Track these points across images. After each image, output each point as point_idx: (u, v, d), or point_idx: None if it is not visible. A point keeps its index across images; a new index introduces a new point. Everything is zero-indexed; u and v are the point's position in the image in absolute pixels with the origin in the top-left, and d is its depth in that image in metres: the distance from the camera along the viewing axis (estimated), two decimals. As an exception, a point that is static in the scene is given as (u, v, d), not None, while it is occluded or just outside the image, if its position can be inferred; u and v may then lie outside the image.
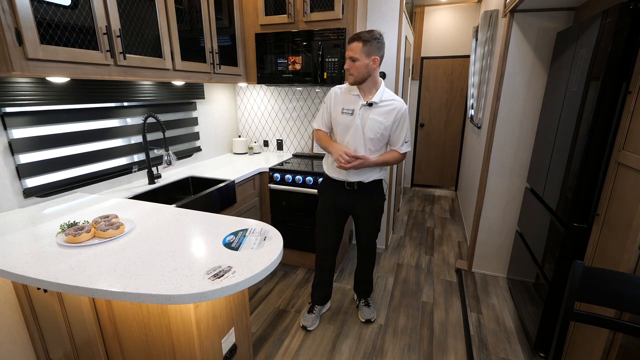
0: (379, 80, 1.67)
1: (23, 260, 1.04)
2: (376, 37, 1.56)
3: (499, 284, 2.41)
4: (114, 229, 1.20)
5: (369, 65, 1.57)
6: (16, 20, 1.13)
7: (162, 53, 1.76)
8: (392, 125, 1.67)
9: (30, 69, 1.19)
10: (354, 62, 1.56)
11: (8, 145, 1.44)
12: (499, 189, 2.33)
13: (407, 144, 1.74)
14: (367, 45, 1.54)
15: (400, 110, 1.65)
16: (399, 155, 1.74)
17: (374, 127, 1.65)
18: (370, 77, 1.62)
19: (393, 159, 1.73)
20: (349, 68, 1.59)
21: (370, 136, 1.67)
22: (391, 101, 1.66)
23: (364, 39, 1.53)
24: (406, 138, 1.72)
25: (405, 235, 3.24)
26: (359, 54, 1.55)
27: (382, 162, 1.71)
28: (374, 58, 1.57)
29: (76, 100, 1.66)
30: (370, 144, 1.70)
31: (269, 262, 1.04)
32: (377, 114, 1.65)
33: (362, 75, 1.59)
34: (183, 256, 1.07)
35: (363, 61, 1.56)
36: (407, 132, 1.72)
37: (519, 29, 2.03)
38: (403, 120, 1.68)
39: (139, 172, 2.08)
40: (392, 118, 1.65)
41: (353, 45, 1.56)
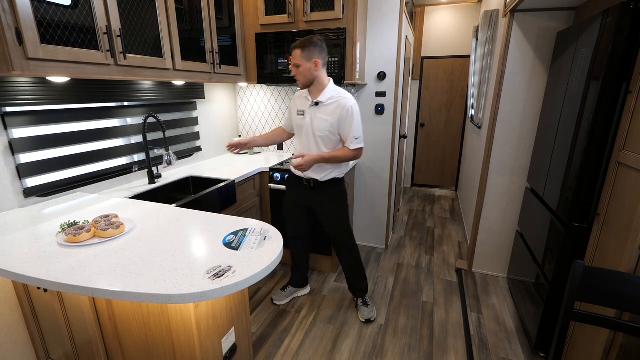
0: (325, 81, 1.75)
1: (23, 259, 1.04)
2: (314, 42, 1.65)
3: (499, 284, 2.41)
4: (114, 229, 1.20)
5: (312, 68, 1.68)
6: (16, 19, 1.13)
7: (163, 53, 1.76)
8: (338, 122, 1.72)
9: (31, 68, 1.19)
10: (298, 68, 1.68)
11: (8, 145, 1.44)
12: (499, 189, 2.33)
13: (357, 140, 1.74)
14: (306, 50, 1.64)
15: (345, 107, 1.69)
16: (349, 151, 1.76)
17: (321, 125, 1.74)
18: (316, 79, 1.72)
19: (343, 156, 1.77)
20: (294, 74, 1.72)
21: (319, 134, 1.76)
22: (336, 99, 1.72)
23: (302, 45, 1.64)
24: (355, 134, 1.73)
25: (406, 236, 3.24)
26: (299, 60, 1.66)
27: (331, 157, 1.75)
28: (315, 61, 1.67)
29: (76, 100, 1.66)
30: (322, 143, 1.78)
31: (269, 262, 1.04)
32: (323, 112, 1.74)
33: (307, 78, 1.70)
34: (183, 256, 1.07)
35: (305, 66, 1.67)
36: (356, 129, 1.73)
37: (520, 28, 2.03)
38: (348, 116, 1.70)
39: (139, 172, 2.08)
40: (337, 115, 1.71)
41: (294, 53, 1.68)
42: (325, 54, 1.73)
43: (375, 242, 2.98)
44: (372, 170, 2.80)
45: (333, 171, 1.84)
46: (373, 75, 2.58)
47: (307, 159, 1.72)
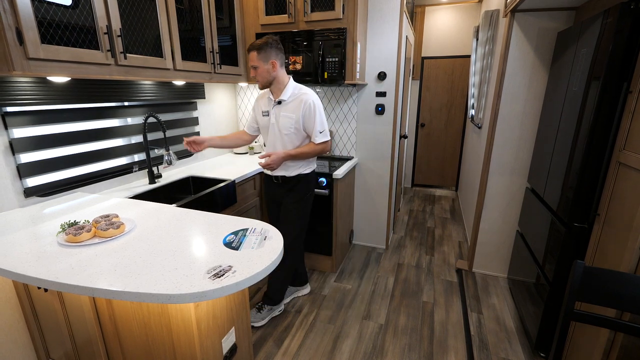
0: (285, 79, 1.78)
1: (24, 259, 1.04)
2: (270, 43, 1.67)
3: (500, 283, 2.41)
4: (114, 229, 1.20)
5: (269, 70, 1.71)
6: (17, 19, 1.14)
7: (163, 53, 1.76)
8: (302, 119, 1.76)
9: (31, 68, 1.20)
10: (256, 69, 1.71)
11: (9, 145, 1.45)
12: (500, 189, 2.33)
13: (321, 133, 1.78)
14: (262, 52, 1.67)
15: (306, 102, 1.73)
16: (314, 146, 1.79)
17: (286, 123, 1.78)
18: (275, 79, 1.75)
19: (310, 150, 1.80)
20: (254, 76, 1.75)
21: (285, 132, 1.79)
22: (297, 95, 1.76)
23: (258, 47, 1.67)
24: (319, 128, 1.77)
25: (406, 236, 3.24)
26: (256, 62, 1.69)
27: (297, 153, 1.79)
28: (272, 62, 1.70)
29: (77, 99, 1.66)
30: (288, 141, 1.81)
31: (269, 262, 1.04)
32: (287, 110, 1.77)
33: (266, 79, 1.74)
34: (183, 255, 1.07)
35: (263, 67, 1.70)
36: (321, 123, 1.77)
37: (520, 28, 2.03)
38: (310, 110, 1.74)
39: (140, 172, 2.08)
40: (300, 111, 1.74)
41: (250, 55, 1.71)
42: (282, 53, 1.75)
43: (375, 242, 2.98)
44: (372, 171, 2.80)
45: (300, 167, 1.88)
46: (373, 75, 2.58)
47: (274, 157, 1.74)
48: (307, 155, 1.83)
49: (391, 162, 2.72)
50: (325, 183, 2.33)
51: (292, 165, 1.87)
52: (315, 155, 1.86)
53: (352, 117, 2.73)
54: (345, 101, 2.71)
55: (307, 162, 1.92)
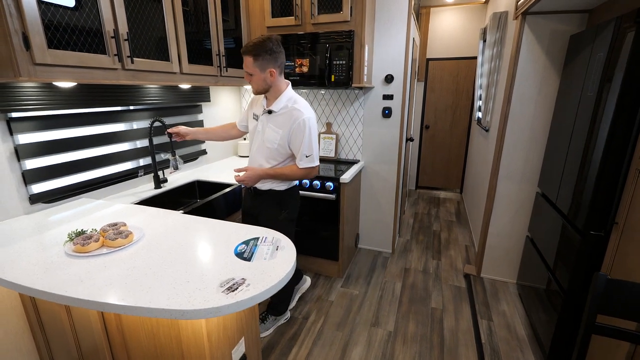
0: (282, 87, 1.59)
1: (31, 271, 1.02)
2: (268, 49, 1.46)
3: (509, 289, 2.37)
4: (122, 238, 1.17)
5: (266, 78, 1.52)
6: (23, 24, 1.11)
7: (170, 56, 1.73)
8: (289, 136, 1.57)
9: (38, 74, 1.17)
10: (251, 76, 1.53)
11: (14, 151, 1.42)
12: (509, 193, 2.30)
13: (307, 158, 1.56)
14: (258, 59, 1.47)
15: (297, 119, 1.52)
16: (297, 170, 1.60)
17: (271, 137, 1.59)
18: (272, 87, 1.57)
19: (291, 174, 1.62)
20: (249, 81, 1.56)
21: (268, 145, 1.61)
22: (289, 109, 1.56)
23: (254, 53, 1.46)
24: (306, 151, 1.55)
25: (412, 239, 3.21)
26: (252, 69, 1.50)
27: (276, 174, 1.62)
28: (270, 71, 1.50)
29: (82, 104, 1.64)
30: (269, 155, 1.63)
31: (283, 274, 1.01)
32: (274, 123, 1.59)
33: (261, 87, 1.55)
34: (195, 267, 1.05)
35: (259, 75, 1.51)
36: (309, 146, 1.55)
37: (531, 31, 2.00)
38: (299, 129, 1.53)
39: (145, 177, 2.06)
40: (288, 128, 1.55)
41: (245, 59, 1.50)
42: (282, 58, 1.54)
43: (381, 246, 2.95)
44: (378, 174, 2.77)
45: (271, 182, 1.70)
46: (380, 78, 2.55)
47: (250, 173, 1.62)
48: (287, 178, 1.66)
49: (398, 166, 2.69)
50: (333, 187, 2.30)
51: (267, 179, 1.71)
52: (295, 180, 1.69)
53: (358, 120, 2.70)
54: (352, 104, 2.68)
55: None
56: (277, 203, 1.74)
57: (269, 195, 1.73)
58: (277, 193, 1.73)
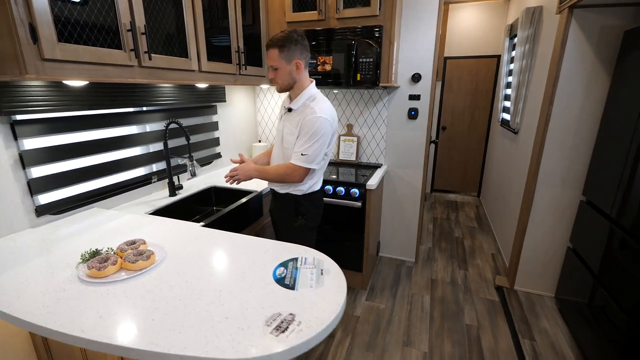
0: (305, 83, 1.49)
1: (41, 302, 0.86)
2: (294, 39, 1.39)
3: (546, 304, 2.22)
4: (143, 260, 1.02)
5: (292, 71, 1.43)
6: (30, 13, 0.96)
7: (188, 52, 1.58)
8: (299, 133, 1.45)
9: (47, 71, 1.02)
10: (276, 70, 1.44)
11: (19, 158, 1.27)
12: (548, 200, 2.14)
13: (304, 157, 1.42)
14: (284, 50, 1.39)
15: (307, 116, 1.42)
16: (289, 166, 1.45)
17: (288, 137, 1.50)
18: (297, 82, 1.47)
19: (281, 169, 1.48)
20: (273, 77, 1.47)
21: (286, 145, 1.52)
22: (305, 107, 1.46)
23: (279, 44, 1.38)
24: (303, 149, 1.42)
25: (434, 247, 3.05)
26: (277, 61, 1.41)
27: (265, 171, 1.50)
28: (296, 62, 1.42)
29: (91, 105, 1.48)
30: (287, 155, 1.51)
31: (337, 307, 0.85)
32: (292, 122, 1.49)
33: (287, 82, 1.46)
34: (231, 297, 0.89)
35: (285, 68, 1.42)
36: (307, 144, 1.41)
37: (579, 26, 1.84)
38: (305, 126, 1.42)
39: (158, 183, 1.90)
40: (300, 124, 1.45)
41: (270, 53, 1.42)
42: (308, 51, 1.47)
43: (404, 255, 2.79)
44: (402, 179, 2.62)
45: (287, 185, 1.57)
46: (406, 77, 2.39)
47: (243, 166, 1.50)
48: (272, 177, 1.50)
49: (424, 169, 2.54)
50: (358, 194, 2.14)
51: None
52: (279, 178, 1.50)
53: (381, 121, 2.55)
54: (375, 104, 2.53)
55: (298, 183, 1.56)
56: (293, 208, 1.61)
57: (287, 199, 1.60)
58: (293, 197, 1.59)
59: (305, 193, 1.58)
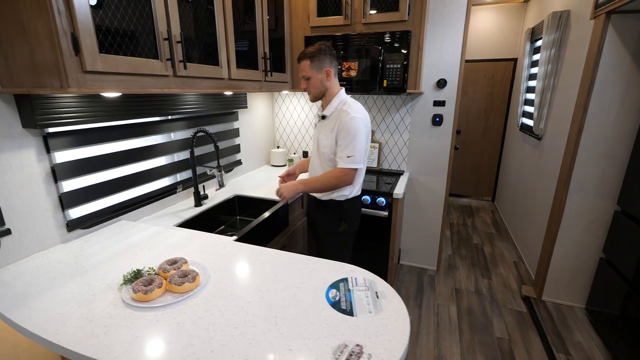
0: (335, 90, 1.58)
1: (89, 330, 0.82)
2: (323, 50, 1.50)
3: (577, 315, 2.16)
4: (189, 282, 0.97)
5: (323, 79, 1.54)
6: (73, 23, 0.91)
7: (219, 60, 1.54)
8: (336, 138, 1.53)
9: (88, 83, 0.97)
10: (308, 80, 1.54)
11: (51, 171, 1.22)
12: (579, 210, 2.09)
13: (349, 158, 1.49)
14: (315, 60, 1.50)
15: (343, 118, 1.50)
16: (337, 172, 1.52)
17: (324, 141, 1.59)
18: (327, 90, 1.57)
19: (324, 178, 1.54)
20: (305, 87, 1.57)
21: (322, 150, 1.61)
22: (339, 111, 1.54)
23: (311, 55, 1.50)
24: (348, 151, 1.49)
25: (454, 254, 2.99)
26: (309, 71, 1.52)
27: (315, 182, 1.56)
28: (326, 70, 1.52)
29: (122, 115, 1.43)
30: (324, 160, 1.61)
31: (404, 337, 0.80)
32: (327, 127, 1.58)
33: (319, 91, 1.56)
34: (288, 324, 0.84)
35: (316, 77, 1.53)
36: (350, 144, 1.48)
37: (615, 32, 1.79)
38: (344, 128, 1.48)
39: (182, 192, 1.86)
40: (335, 129, 1.52)
41: (302, 65, 1.53)
42: (336, 61, 1.58)
43: (425, 263, 2.74)
44: (424, 186, 2.57)
45: (332, 192, 1.63)
46: (431, 83, 2.35)
47: (286, 185, 1.57)
48: (323, 185, 1.55)
49: (447, 176, 2.49)
50: (385, 203, 2.10)
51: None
52: (331, 187, 1.56)
53: (404, 128, 2.50)
54: (398, 110, 2.48)
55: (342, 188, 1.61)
56: (337, 214, 1.67)
57: (330, 205, 1.67)
58: (337, 204, 1.66)
59: (348, 198, 1.64)
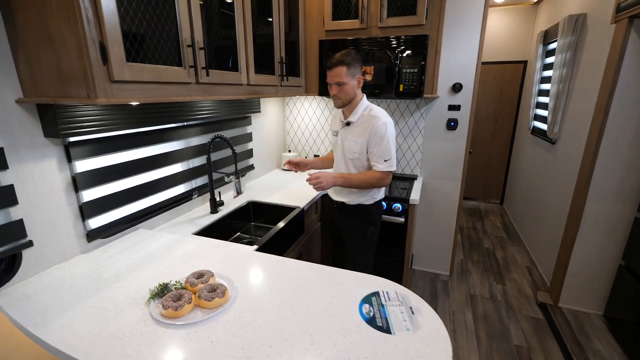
0: (359, 98, 1.61)
1: (121, 350, 0.79)
2: (354, 56, 1.53)
3: (595, 323, 2.14)
4: (219, 297, 0.94)
5: (355, 86, 1.56)
6: (102, 32, 0.89)
7: (239, 66, 1.51)
8: (367, 142, 1.56)
9: (115, 93, 0.95)
10: (341, 86, 1.53)
11: (72, 181, 1.20)
12: (598, 216, 2.06)
13: (386, 162, 1.55)
14: (351, 67, 1.51)
15: (375, 125, 1.53)
16: (375, 174, 1.57)
17: (351, 147, 1.62)
18: (353, 98, 1.59)
19: (366, 179, 1.58)
20: (336, 93, 1.56)
21: (349, 156, 1.64)
22: (367, 117, 1.57)
23: (347, 62, 1.50)
24: (384, 155, 1.54)
25: (466, 259, 2.97)
26: (345, 77, 1.52)
27: (351, 177, 1.59)
28: (358, 77, 1.55)
29: (143, 123, 1.40)
30: (352, 165, 1.65)
31: (448, 358, 0.78)
32: (353, 133, 1.61)
33: (349, 97, 1.57)
34: (325, 343, 0.82)
35: (350, 84, 1.54)
36: (386, 149, 1.53)
37: (638, 37, 1.76)
38: (377, 134, 1.52)
39: (198, 198, 1.83)
40: (366, 134, 1.55)
41: (337, 71, 1.52)
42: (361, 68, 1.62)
43: (438, 268, 2.71)
44: (438, 191, 2.54)
45: (362, 196, 1.67)
46: (447, 87, 2.32)
47: (326, 174, 1.57)
48: (360, 184, 1.60)
49: (461, 182, 2.46)
50: (401, 209, 2.07)
51: (356, 193, 1.66)
52: (370, 186, 1.61)
53: (418, 132, 2.47)
54: (412, 115, 2.45)
55: (368, 191, 1.66)
56: (365, 218, 1.71)
57: (358, 209, 1.69)
58: (365, 208, 1.69)
59: (376, 201, 1.69)
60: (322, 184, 1.57)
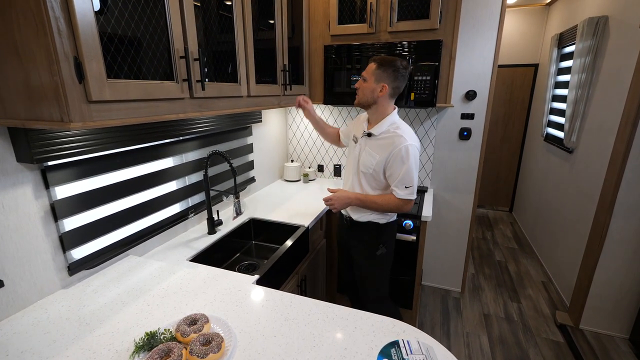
0: (388, 110, 1.48)
1: None
2: (395, 65, 1.39)
3: (620, 347, 2.00)
4: (214, 352, 0.81)
5: (375, 90, 1.42)
6: (77, 45, 0.76)
7: (238, 77, 1.38)
8: (386, 161, 1.44)
9: (93, 116, 0.82)
10: (364, 81, 1.45)
11: (50, 209, 1.07)
12: (624, 234, 1.92)
13: (407, 189, 1.42)
14: (380, 69, 1.40)
15: (398, 145, 1.40)
16: (394, 199, 1.44)
17: (366, 160, 1.50)
18: (376, 105, 1.46)
19: (384, 203, 1.46)
20: (358, 87, 1.48)
21: (362, 170, 1.52)
22: (391, 135, 1.43)
23: (381, 62, 1.41)
24: (406, 181, 1.41)
25: (478, 273, 2.83)
26: (369, 75, 1.43)
27: (368, 200, 1.49)
28: (383, 85, 1.41)
29: (130, 141, 1.27)
30: (364, 180, 1.53)
31: None
32: (373, 147, 1.48)
33: (366, 98, 1.46)
34: (341, 418, 0.68)
35: (371, 84, 1.43)
36: (409, 176, 1.41)
37: (672, 42, 1.63)
38: (399, 156, 1.39)
39: (195, 217, 1.70)
40: (387, 153, 1.43)
41: (370, 65, 1.45)
42: (402, 83, 1.44)
43: (448, 284, 2.58)
44: (449, 204, 2.41)
45: (371, 212, 1.55)
46: (459, 94, 2.18)
47: (339, 194, 1.52)
48: (380, 208, 1.49)
49: (475, 195, 2.33)
50: (413, 226, 1.94)
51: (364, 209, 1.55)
52: (388, 211, 1.51)
53: (428, 142, 2.34)
54: (422, 123, 2.32)
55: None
56: (375, 237, 1.59)
57: (368, 227, 1.58)
58: (377, 226, 1.57)
59: (389, 221, 1.58)
60: (335, 206, 1.53)
